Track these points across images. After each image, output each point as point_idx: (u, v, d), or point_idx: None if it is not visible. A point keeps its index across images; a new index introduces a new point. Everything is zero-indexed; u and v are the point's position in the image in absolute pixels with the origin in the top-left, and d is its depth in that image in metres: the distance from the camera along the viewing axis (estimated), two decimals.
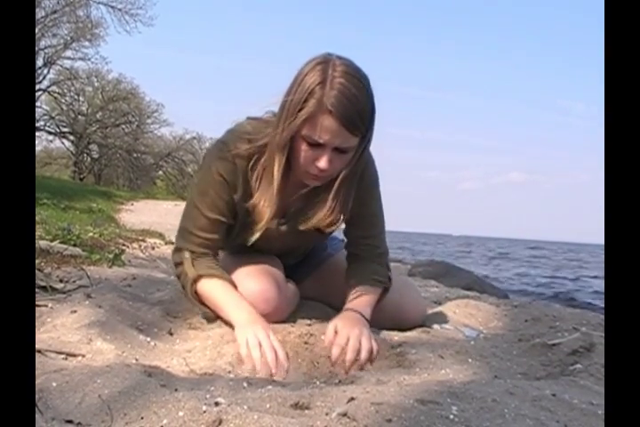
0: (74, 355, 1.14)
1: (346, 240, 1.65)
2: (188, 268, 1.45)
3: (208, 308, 1.48)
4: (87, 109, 27.01)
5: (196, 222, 1.46)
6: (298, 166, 1.38)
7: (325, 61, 1.30)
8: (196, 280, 1.44)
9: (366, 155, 1.45)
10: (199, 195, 1.46)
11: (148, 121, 29.13)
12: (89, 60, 20.71)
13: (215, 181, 1.43)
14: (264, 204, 1.42)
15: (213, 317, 1.48)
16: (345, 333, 1.30)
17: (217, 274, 1.44)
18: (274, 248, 1.62)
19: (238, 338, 1.30)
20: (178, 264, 1.49)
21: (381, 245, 1.62)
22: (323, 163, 1.32)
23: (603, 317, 1.72)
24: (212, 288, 1.44)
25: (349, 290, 1.52)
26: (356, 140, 1.33)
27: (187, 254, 1.46)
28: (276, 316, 1.46)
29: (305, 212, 1.49)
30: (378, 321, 1.53)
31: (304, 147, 1.32)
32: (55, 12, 17.33)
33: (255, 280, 1.46)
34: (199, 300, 1.47)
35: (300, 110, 1.28)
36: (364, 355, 1.27)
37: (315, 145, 1.31)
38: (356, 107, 1.28)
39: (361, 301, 1.49)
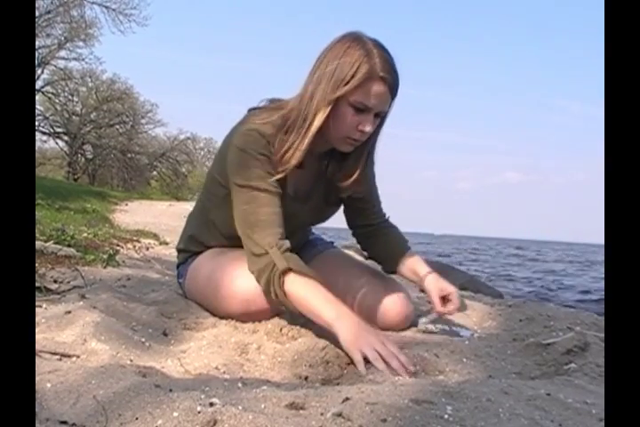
0: (68, 356, 1.13)
1: (352, 224, 1.80)
2: (278, 259, 1.35)
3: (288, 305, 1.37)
4: (81, 110, 26.96)
5: (257, 201, 1.43)
6: (336, 132, 1.45)
7: (357, 37, 1.42)
8: (284, 273, 1.34)
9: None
10: (246, 180, 1.44)
11: (143, 121, 29.14)
12: (83, 60, 20.73)
13: (258, 161, 1.44)
14: (294, 148, 1.44)
15: (298, 313, 1.37)
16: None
17: (310, 273, 1.35)
18: None
19: (352, 353, 1.19)
20: (260, 255, 1.38)
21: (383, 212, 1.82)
22: (368, 126, 1.43)
23: (597, 316, 1.72)
24: (305, 288, 1.33)
25: (401, 257, 1.74)
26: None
27: (272, 244, 1.37)
28: (274, 312, 1.49)
29: (336, 179, 1.59)
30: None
31: (350, 112, 1.42)
32: (49, 12, 17.28)
33: (251, 277, 1.44)
34: (284, 295, 1.35)
35: (352, 77, 1.37)
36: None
37: (360, 110, 1.41)
38: (396, 74, 1.43)
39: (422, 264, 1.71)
